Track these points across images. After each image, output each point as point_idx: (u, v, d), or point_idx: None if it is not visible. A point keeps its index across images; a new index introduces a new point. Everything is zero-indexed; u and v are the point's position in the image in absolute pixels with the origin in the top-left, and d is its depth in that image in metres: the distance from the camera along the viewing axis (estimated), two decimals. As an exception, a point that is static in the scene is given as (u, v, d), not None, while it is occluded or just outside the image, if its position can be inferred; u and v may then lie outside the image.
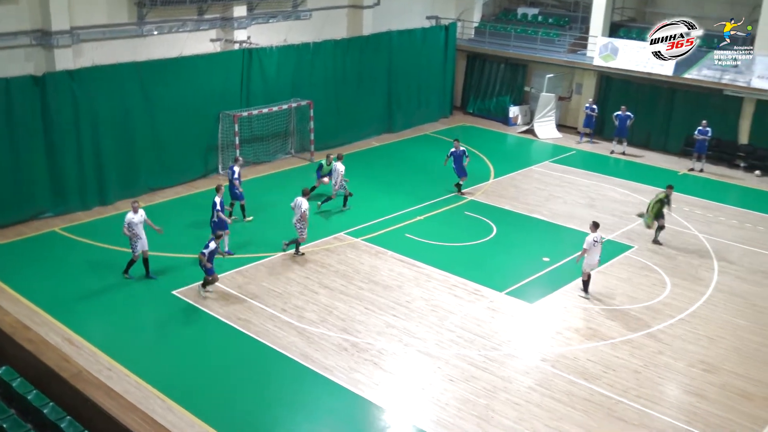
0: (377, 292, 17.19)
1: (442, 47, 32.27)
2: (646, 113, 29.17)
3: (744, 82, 26.40)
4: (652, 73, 28.34)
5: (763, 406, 13.44)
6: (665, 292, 17.62)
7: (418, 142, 29.86)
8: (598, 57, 29.61)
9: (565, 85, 32.00)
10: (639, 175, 26.15)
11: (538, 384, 13.90)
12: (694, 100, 28.27)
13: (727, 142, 27.64)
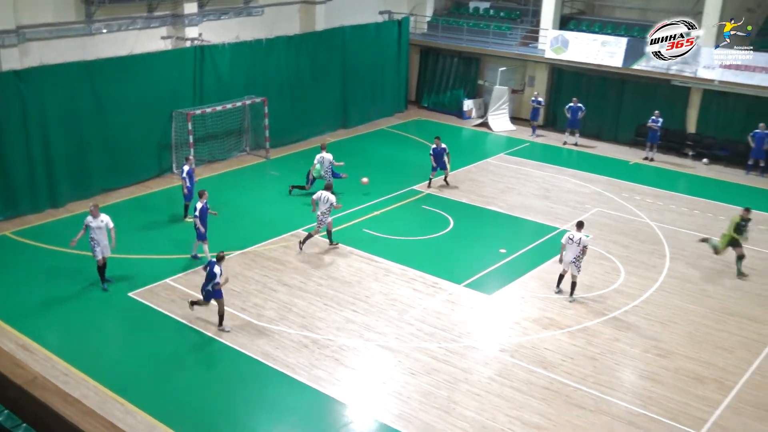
0: (336, 288, 17.19)
1: (396, 42, 32.32)
2: (598, 104, 29.64)
3: (690, 72, 26.96)
4: (602, 64, 28.79)
5: (715, 389, 13.79)
6: (619, 279, 17.95)
7: (374, 137, 29.90)
8: (549, 50, 29.95)
9: (517, 78, 32.33)
10: (592, 166, 26.57)
11: (498, 374, 14.06)
12: (644, 90, 28.81)
13: (675, 131, 28.22)
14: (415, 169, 25.38)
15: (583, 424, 12.70)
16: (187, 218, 20.76)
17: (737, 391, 13.73)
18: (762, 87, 25.57)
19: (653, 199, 23.39)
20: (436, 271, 18.12)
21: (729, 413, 13.10)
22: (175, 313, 15.91)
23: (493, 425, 12.58)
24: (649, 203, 23.05)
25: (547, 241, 20.05)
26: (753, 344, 15.32)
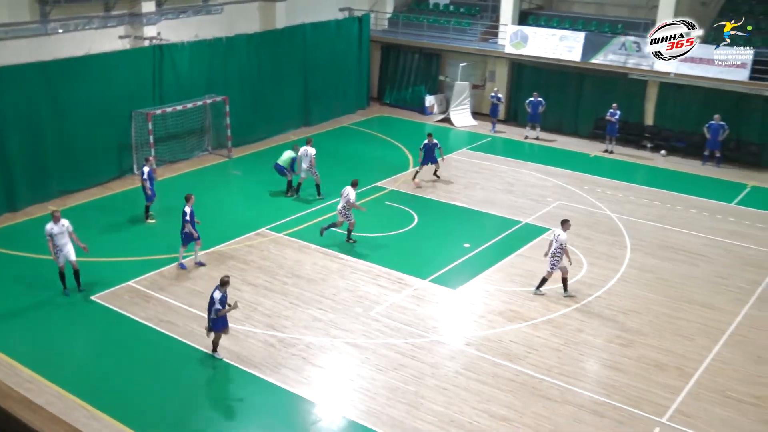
0: (302, 287, 17.17)
1: (357, 39, 32.31)
2: (557, 98, 29.94)
3: (647, 65, 27.37)
4: (561, 59, 29.11)
5: (676, 376, 14.07)
6: (582, 271, 18.19)
7: (337, 134, 29.87)
8: (509, 45, 30.19)
9: (478, 73, 32.52)
10: (553, 159, 26.88)
11: (465, 368, 14.17)
12: (602, 84, 29.19)
13: (634, 123, 28.67)
14: (379, 166, 25.45)
15: (549, 414, 12.86)
16: (149, 220, 20.56)
17: (697, 378, 14.02)
18: (717, 79, 26.07)
19: (613, 191, 23.74)
20: (402, 267, 18.18)
21: (690, 399, 13.37)
22: (138, 315, 15.74)
23: (461, 418, 12.68)
24: (609, 195, 23.39)
25: (510, 235, 20.25)
26: (711, 331, 15.65)
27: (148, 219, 20.54)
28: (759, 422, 12.81)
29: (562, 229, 16.59)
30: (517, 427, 12.50)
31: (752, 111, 26.46)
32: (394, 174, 24.80)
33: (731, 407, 13.18)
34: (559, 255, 16.44)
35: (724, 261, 18.95)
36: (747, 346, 15.15)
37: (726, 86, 26.15)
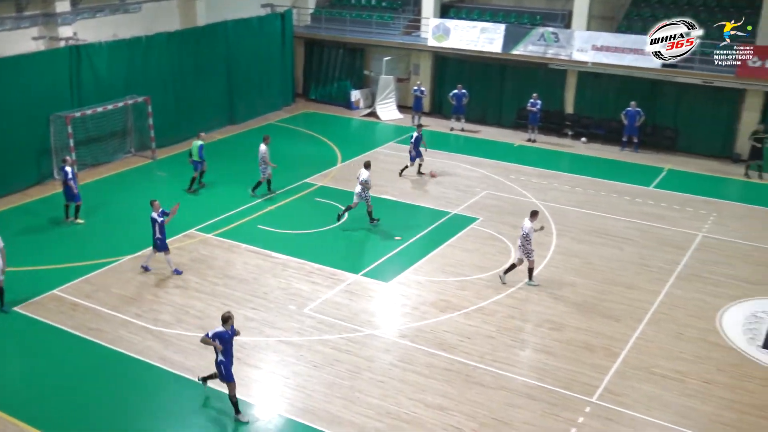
0: (233, 287, 16.94)
1: (280, 35, 32.00)
2: (481, 90, 30.32)
3: (566, 55, 27.97)
4: (482, 51, 29.48)
5: (604, 356, 14.45)
6: (510, 259, 18.47)
7: (263, 131, 29.40)
8: (431, 38, 30.41)
9: (402, 66, 32.65)
10: (479, 150, 27.23)
11: (400, 360, 14.24)
12: (523, 74, 29.69)
13: (555, 112, 29.27)
14: (307, 162, 25.31)
15: (483, 401, 13.04)
16: (77, 220, 20.04)
17: (624, 357, 14.43)
18: (631, 67, 26.84)
19: (538, 179, 24.20)
20: (334, 262, 18.14)
21: (617, 378, 13.76)
22: (65, 324, 15.26)
23: (398, 410, 12.74)
24: (534, 183, 23.83)
25: (440, 226, 20.43)
26: (636, 311, 16.13)
27: (76, 219, 20.00)
28: (682, 396, 13.28)
29: (529, 219, 16.84)
30: (453, 415, 12.63)
31: (666, 97, 27.37)
32: (322, 170, 24.72)
33: (656, 383, 13.62)
34: (528, 244, 16.72)
35: (645, 243, 19.55)
36: (669, 323, 15.67)
37: (640, 73, 26.96)
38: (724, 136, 26.78)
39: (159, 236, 17.21)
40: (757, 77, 25.04)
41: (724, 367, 14.19)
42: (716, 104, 26.61)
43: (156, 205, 17.28)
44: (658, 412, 12.82)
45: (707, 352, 14.64)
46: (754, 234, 20.21)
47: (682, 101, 27.15)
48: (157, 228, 17.13)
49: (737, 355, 14.60)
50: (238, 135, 28.97)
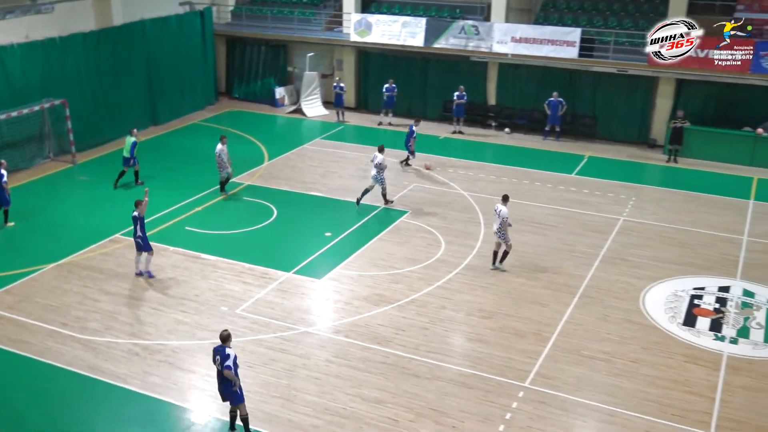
0: (163, 291, 16.60)
1: (200, 33, 31.44)
2: (405, 83, 30.46)
3: (486, 47, 28.36)
4: (405, 45, 29.63)
5: (535, 341, 14.77)
6: (440, 250, 18.67)
7: (187, 132, 29.01)
8: (353, 33, 30.40)
9: (326, 62, 32.54)
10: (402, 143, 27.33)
11: (335, 356, 14.23)
12: (446, 67, 29.98)
13: (478, 104, 29.67)
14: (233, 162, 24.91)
15: (420, 392, 13.15)
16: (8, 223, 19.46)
17: (554, 341, 14.78)
18: (549, 58, 27.42)
19: (465, 170, 24.50)
20: (265, 261, 17.98)
21: (548, 362, 14.08)
22: (-13, 338, 14.70)
23: (335, 406, 12.74)
24: (461, 174, 24.12)
25: (369, 220, 20.48)
26: (563, 296, 16.53)
27: (7, 223, 19.40)
28: (610, 375, 13.69)
29: (503, 204, 17.27)
30: (391, 408, 12.70)
31: (584, 86, 28.08)
32: (249, 169, 24.45)
33: (585, 365, 14.00)
34: (504, 229, 17.23)
35: (569, 229, 20.04)
36: (594, 306, 16.12)
37: (558, 64, 27.58)
38: (640, 122, 27.66)
39: (140, 235, 16.86)
40: (669, 65, 25.88)
41: (647, 345, 14.68)
42: (631, 92, 27.46)
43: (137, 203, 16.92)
44: (588, 393, 13.18)
45: (632, 333, 15.12)
46: (671, 216, 20.96)
47: (599, 90, 27.91)
48: (138, 227, 16.79)
49: (660, 333, 15.13)
50: (162, 136, 28.37)
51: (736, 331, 15.23)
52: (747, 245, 19.21)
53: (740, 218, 20.93)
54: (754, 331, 15.26)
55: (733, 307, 16.14)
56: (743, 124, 25.84)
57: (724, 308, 16.10)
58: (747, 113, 25.96)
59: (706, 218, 20.88)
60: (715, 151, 25.73)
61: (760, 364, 14.11)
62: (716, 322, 15.57)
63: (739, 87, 25.79)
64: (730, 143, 25.66)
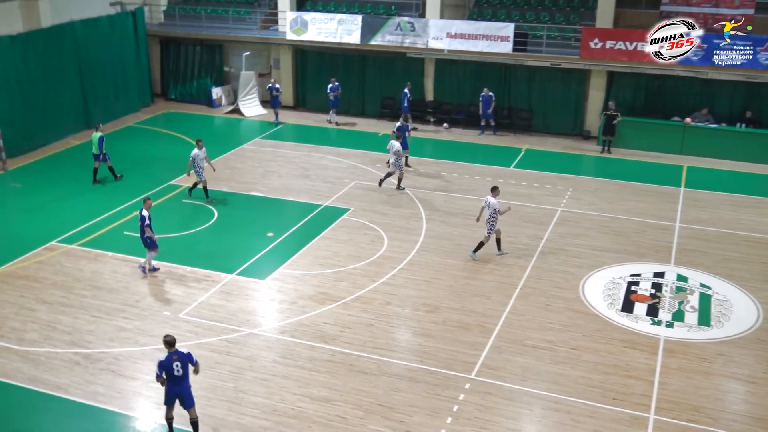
0: (102, 297, 16.22)
1: (132, 34, 30.78)
2: (343, 81, 30.37)
3: (422, 44, 28.51)
4: (342, 42, 29.55)
5: (479, 333, 14.92)
6: (384, 246, 18.71)
7: (122, 134, 28.37)
8: (289, 31, 30.18)
9: (263, 61, 32.24)
10: (345, 141, 27.40)
11: (282, 356, 14.13)
12: (383, 64, 30.04)
13: (417, 100, 29.80)
14: (171, 164, 24.52)
15: (368, 388, 13.15)
16: None
17: (498, 332, 14.95)
18: (484, 53, 27.72)
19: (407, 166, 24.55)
20: (207, 264, 17.72)
21: (494, 353, 14.24)
22: None
23: (283, 406, 12.65)
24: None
25: (312, 219, 20.38)
26: (505, 287, 16.75)
27: None
28: (553, 364, 13.93)
29: (492, 195, 17.59)
30: (339, 406, 12.68)
31: (519, 80, 28.48)
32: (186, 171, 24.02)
33: (529, 354, 14.21)
34: (493, 220, 17.60)
35: (510, 221, 20.26)
36: (536, 296, 16.38)
37: (493, 59, 27.89)
38: (574, 114, 28.20)
39: (146, 236, 16.83)
40: (599, 58, 26.50)
41: (588, 332, 14.99)
42: (565, 85, 27.98)
43: (148, 204, 16.93)
44: (533, 382, 13.39)
45: (573, 321, 15.42)
46: (607, 205, 21.43)
47: (534, 83, 28.34)
48: (143, 228, 16.77)
49: (600, 320, 15.46)
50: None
51: (672, 315, 15.68)
52: (679, 231, 19.79)
53: (672, 205, 21.55)
54: (689, 314, 15.74)
55: (668, 292, 16.61)
56: (672, 114, 26.61)
57: (660, 293, 16.56)
58: (676, 103, 26.75)
59: (640, 206, 21.43)
60: (646, 140, 26.43)
61: (695, 347, 14.56)
62: (653, 307, 16.00)
63: (667, 78, 26.55)
64: (660, 133, 26.38)
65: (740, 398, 13.13)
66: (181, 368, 11.39)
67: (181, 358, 11.40)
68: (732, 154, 25.55)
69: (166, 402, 11.71)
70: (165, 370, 11.33)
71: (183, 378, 11.48)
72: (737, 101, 26.21)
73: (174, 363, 11.36)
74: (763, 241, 19.24)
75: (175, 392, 11.55)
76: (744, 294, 16.52)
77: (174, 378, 11.42)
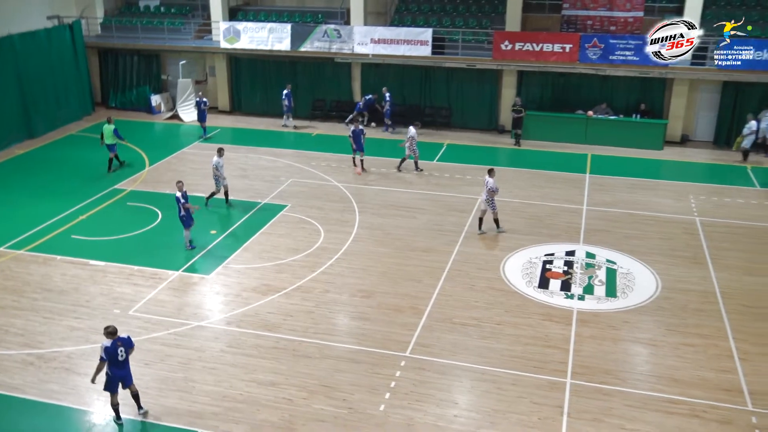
0: (53, 300, 15.67)
1: (70, 46, 29.72)
2: (275, 86, 30.09)
3: (348, 49, 28.44)
4: (273, 49, 29.23)
5: (411, 314, 15.04)
6: (321, 239, 18.65)
7: (65, 142, 27.43)
8: (223, 40, 29.68)
9: (199, 69, 31.61)
10: (280, 142, 27.13)
11: (229, 345, 13.95)
12: (313, 69, 29.85)
13: (344, 102, 29.73)
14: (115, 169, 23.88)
15: (311, 371, 13.12)
16: None
17: (429, 312, 15.11)
18: (406, 56, 27.85)
19: (337, 164, 24.53)
20: (154, 262, 17.33)
21: (425, 332, 14.39)
22: None
23: (232, 392, 12.50)
24: (333, 167, 24.13)
25: (252, 216, 20.15)
26: (434, 271, 16.92)
27: None
28: (480, 339, 14.17)
29: (489, 176, 18.30)
30: (285, 389, 12.61)
31: (438, 80, 28.73)
32: (131, 175, 23.44)
33: (457, 331, 14.42)
34: (491, 198, 18.37)
35: (435, 210, 20.52)
36: (462, 278, 16.61)
37: (414, 61, 28.05)
38: (489, 111, 28.62)
39: (183, 214, 17.63)
40: (510, 59, 26.95)
41: (510, 308, 15.29)
42: (480, 84, 28.36)
43: (180, 185, 17.80)
44: (462, 356, 13.59)
45: (495, 298, 15.70)
46: (522, 192, 21.86)
47: (452, 83, 28.62)
48: (180, 207, 17.58)
49: (519, 297, 15.79)
50: (40, 148, 26.67)
51: (583, 289, 16.14)
52: (586, 213, 20.36)
53: (579, 190, 22.14)
54: (597, 287, 16.23)
55: (579, 269, 17.08)
56: (576, 108, 27.30)
57: (572, 270, 17.02)
58: (579, 98, 27.44)
59: (551, 192, 21.94)
60: (554, 132, 27.04)
61: (603, 316, 15.03)
62: (566, 282, 16.44)
63: (570, 76, 27.21)
64: (566, 125, 27.04)
65: (644, 360, 13.63)
66: (124, 353, 11.45)
67: (124, 344, 11.50)
68: (629, 142, 26.40)
69: (109, 389, 11.63)
70: (110, 355, 11.28)
71: (125, 362, 11.55)
72: (632, 95, 27.07)
73: (119, 348, 11.37)
74: (659, 219, 19.98)
75: (120, 376, 11.53)
76: (644, 267, 17.13)
77: (118, 363, 11.42)
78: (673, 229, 19.23)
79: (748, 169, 24.17)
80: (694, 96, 26.75)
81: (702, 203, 21.09)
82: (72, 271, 16.95)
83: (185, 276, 16.78)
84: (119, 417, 11.80)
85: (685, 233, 19.02)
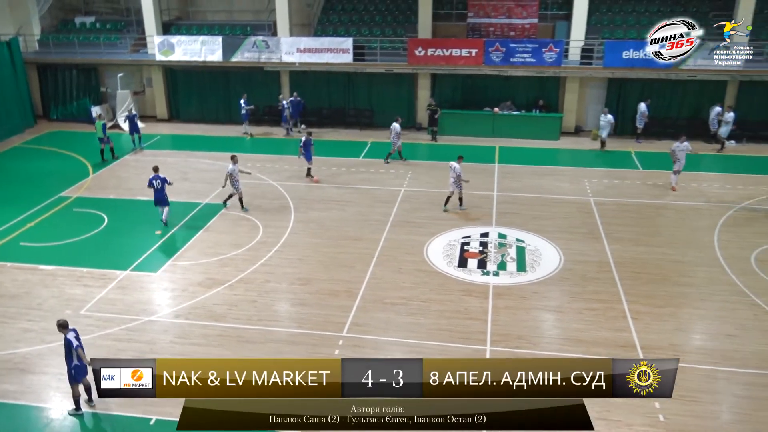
0: (5, 304, 14.91)
1: (9, 63, 28.21)
2: (211, 94, 29.45)
3: (276, 58, 28.06)
4: (207, 61, 28.55)
5: (346, 298, 15.03)
6: (260, 233, 18.38)
7: (9, 155, 26.05)
8: (158, 53, 28.78)
9: (136, 80, 30.56)
10: (217, 146, 26.54)
11: (178, 337, 13.61)
12: (245, 78, 29.29)
13: (276, 107, 29.27)
14: (59, 178, 22.84)
15: (257, 355, 12.94)
16: None
17: (362, 295, 15.13)
18: (329, 63, 27.69)
19: (271, 164, 24.20)
20: (102, 263, 16.70)
21: (360, 312, 14.41)
22: None
23: (184, 380, 12.20)
24: (268, 167, 23.80)
25: (195, 215, 19.69)
26: (365, 257, 16.94)
27: None
28: (408, 316, 14.29)
29: (457, 163, 19.00)
30: (234, 373, 12.39)
31: (360, 85, 28.69)
32: (75, 183, 22.47)
33: (388, 310, 14.50)
34: (457, 181, 18.99)
35: (363, 202, 20.53)
36: (390, 262, 16.69)
37: (337, 68, 27.92)
38: (407, 110, 28.77)
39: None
40: (423, 63, 27.17)
41: (434, 287, 15.48)
42: (398, 87, 28.47)
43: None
44: (393, 332, 13.68)
45: (421, 279, 15.85)
46: (440, 183, 22.09)
47: (373, 87, 28.63)
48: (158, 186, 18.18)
49: (442, 276, 16.00)
50: (-16, 161, 25.31)
51: (497, 266, 16.48)
52: (497, 198, 20.78)
53: (490, 178, 22.58)
54: (509, 263, 16.61)
55: (493, 248, 17.44)
56: (484, 106, 27.78)
57: (486, 249, 17.35)
58: (486, 97, 27.92)
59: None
60: (465, 128, 27.43)
61: (516, 289, 15.41)
62: (482, 261, 16.75)
63: (477, 77, 27.65)
64: (475, 121, 27.48)
65: (552, 325, 14.06)
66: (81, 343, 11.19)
67: (77, 336, 11.17)
68: (531, 134, 27.07)
69: (77, 380, 11.19)
70: (79, 347, 10.99)
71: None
72: (532, 93, 27.73)
73: (80, 340, 11.08)
74: (560, 201, 20.59)
75: (82, 366, 11.13)
76: (549, 244, 17.64)
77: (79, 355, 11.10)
78: (571, 209, 19.87)
79: (632, 154, 25.18)
80: (584, 92, 27.64)
81: (595, 185, 21.86)
82: (22, 276, 16.16)
83: (133, 275, 16.25)
84: (79, 408, 11.35)
85: (581, 212, 19.67)
